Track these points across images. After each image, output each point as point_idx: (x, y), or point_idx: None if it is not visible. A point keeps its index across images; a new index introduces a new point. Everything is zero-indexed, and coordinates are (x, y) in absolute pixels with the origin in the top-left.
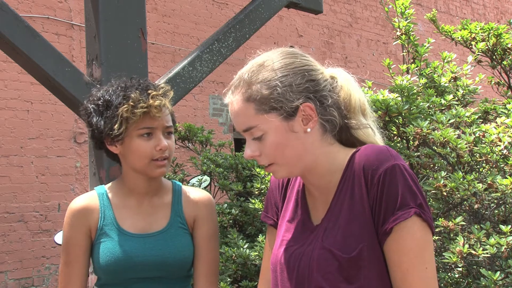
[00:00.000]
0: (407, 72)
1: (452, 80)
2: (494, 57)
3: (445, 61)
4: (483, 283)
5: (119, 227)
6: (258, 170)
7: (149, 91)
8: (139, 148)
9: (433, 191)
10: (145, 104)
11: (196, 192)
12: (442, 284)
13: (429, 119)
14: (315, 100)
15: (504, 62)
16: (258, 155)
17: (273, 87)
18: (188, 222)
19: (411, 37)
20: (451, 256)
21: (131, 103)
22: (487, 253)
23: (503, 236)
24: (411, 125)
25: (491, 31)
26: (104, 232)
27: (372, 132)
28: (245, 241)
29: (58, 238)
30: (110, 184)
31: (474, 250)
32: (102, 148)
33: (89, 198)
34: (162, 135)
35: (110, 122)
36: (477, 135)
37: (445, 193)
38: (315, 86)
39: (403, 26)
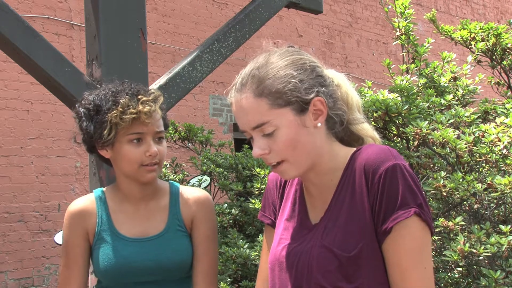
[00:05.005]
0: (407, 72)
1: (452, 80)
2: (494, 57)
3: (445, 61)
4: (483, 283)
5: (116, 232)
6: (258, 170)
7: (139, 96)
8: (128, 153)
9: (433, 191)
10: (134, 110)
11: (193, 191)
12: (442, 284)
13: (428, 119)
14: (326, 95)
15: (504, 62)
16: (268, 153)
17: (286, 82)
18: (186, 224)
19: (411, 37)
20: (452, 254)
21: (120, 109)
22: (488, 252)
23: (503, 236)
24: (410, 125)
25: (491, 31)
26: (102, 237)
27: (369, 126)
28: (245, 241)
29: (58, 238)
30: (107, 187)
31: (475, 249)
32: (93, 152)
33: (87, 201)
34: (152, 140)
35: (99, 127)
36: (476, 135)
37: (444, 193)
38: (324, 81)
39: (402, 26)
